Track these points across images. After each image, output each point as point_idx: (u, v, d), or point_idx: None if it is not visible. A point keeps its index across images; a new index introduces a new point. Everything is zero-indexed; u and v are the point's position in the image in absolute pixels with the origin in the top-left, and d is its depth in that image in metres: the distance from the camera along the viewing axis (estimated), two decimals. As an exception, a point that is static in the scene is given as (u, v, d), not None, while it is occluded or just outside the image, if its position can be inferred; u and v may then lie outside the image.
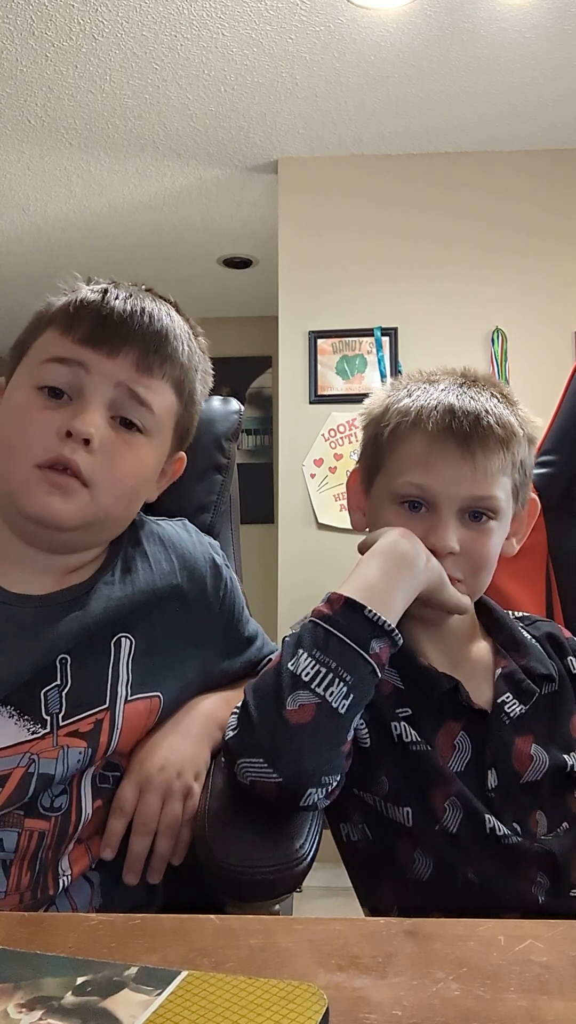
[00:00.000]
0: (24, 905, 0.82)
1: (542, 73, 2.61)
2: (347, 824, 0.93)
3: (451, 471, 0.91)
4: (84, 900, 0.87)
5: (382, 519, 0.95)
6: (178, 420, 0.94)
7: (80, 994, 0.50)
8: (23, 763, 0.82)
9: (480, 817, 0.87)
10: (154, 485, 0.96)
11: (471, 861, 0.87)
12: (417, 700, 0.92)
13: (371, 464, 0.99)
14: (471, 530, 0.92)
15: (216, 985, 0.50)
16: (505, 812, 0.89)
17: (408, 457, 0.93)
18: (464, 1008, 0.51)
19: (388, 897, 0.92)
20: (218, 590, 0.99)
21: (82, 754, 0.85)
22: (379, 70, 2.59)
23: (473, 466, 0.90)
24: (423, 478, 0.92)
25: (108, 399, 0.86)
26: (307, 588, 2.91)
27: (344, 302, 3.06)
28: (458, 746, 0.92)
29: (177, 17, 2.34)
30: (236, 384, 4.60)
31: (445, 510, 0.91)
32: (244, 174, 3.18)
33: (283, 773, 0.79)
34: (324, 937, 0.60)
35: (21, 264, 3.87)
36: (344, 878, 1.18)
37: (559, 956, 0.57)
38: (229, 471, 1.17)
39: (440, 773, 0.89)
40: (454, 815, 0.87)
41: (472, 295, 3.02)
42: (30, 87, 2.62)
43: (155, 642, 0.92)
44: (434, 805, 0.88)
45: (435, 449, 0.91)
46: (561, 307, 2.97)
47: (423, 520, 0.92)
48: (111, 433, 0.86)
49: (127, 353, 0.87)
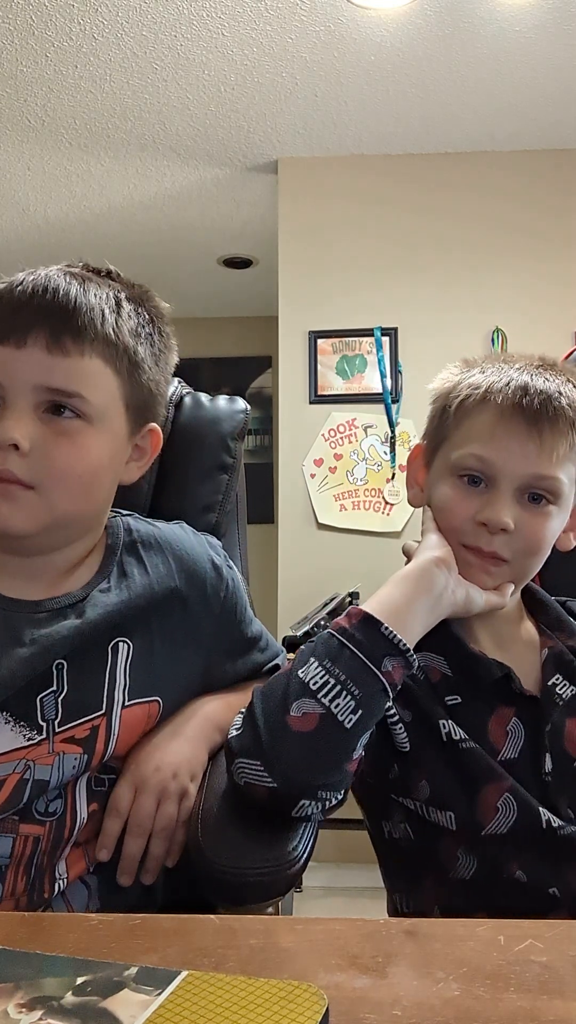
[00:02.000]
0: (19, 909, 0.82)
1: (542, 73, 2.61)
2: (389, 823, 0.93)
3: (516, 447, 0.88)
4: (81, 904, 0.86)
5: (439, 493, 0.93)
6: (125, 396, 0.87)
7: (80, 994, 0.50)
8: (19, 769, 0.82)
9: (535, 813, 0.85)
10: (123, 468, 0.91)
11: (519, 858, 0.85)
12: (467, 687, 0.91)
13: (435, 437, 0.96)
14: (528, 511, 0.89)
15: (216, 985, 0.50)
16: (561, 796, 0.88)
17: (474, 430, 0.91)
18: (464, 1008, 0.51)
19: (429, 895, 0.91)
20: (219, 591, 0.97)
21: (77, 760, 0.84)
22: (379, 70, 2.59)
23: (539, 444, 0.88)
24: (486, 451, 0.89)
25: (31, 400, 0.81)
26: (307, 588, 2.92)
27: (344, 302, 3.06)
28: (511, 732, 0.90)
29: (177, 17, 2.34)
30: (236, 384, 4.60)
31: (504, 486, 0.88)
32: (244, 174, 3.18)
33: (277, 779, 0.78)
34: (324, 937, 0.60)
35: (21, 264, 3.86)
36: (344, 878, 1.17)
37: (559, 956, 0.57)
38: (235, 471, 1.16)
39: (492, 771, 0.87)
40: (507, 815, 0.86)
41: (472, 295, 3.02)
42: (30, 87, 2.62)
43: (154, 646, 0.91)
44: (485, 805, 0.86)
45: (502, 423, 0.89)
46: (561, 307, 2.97)
47: (480, 495, 0.89)
48: (43, 429, 0.81)
49: (35, 338, 0.81)
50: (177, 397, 1.16)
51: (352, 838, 2.72)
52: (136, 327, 0.89)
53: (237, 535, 1.18)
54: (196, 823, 0.83)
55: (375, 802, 0.94)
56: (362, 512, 2.97)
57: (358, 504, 2.97)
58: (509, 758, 0.89)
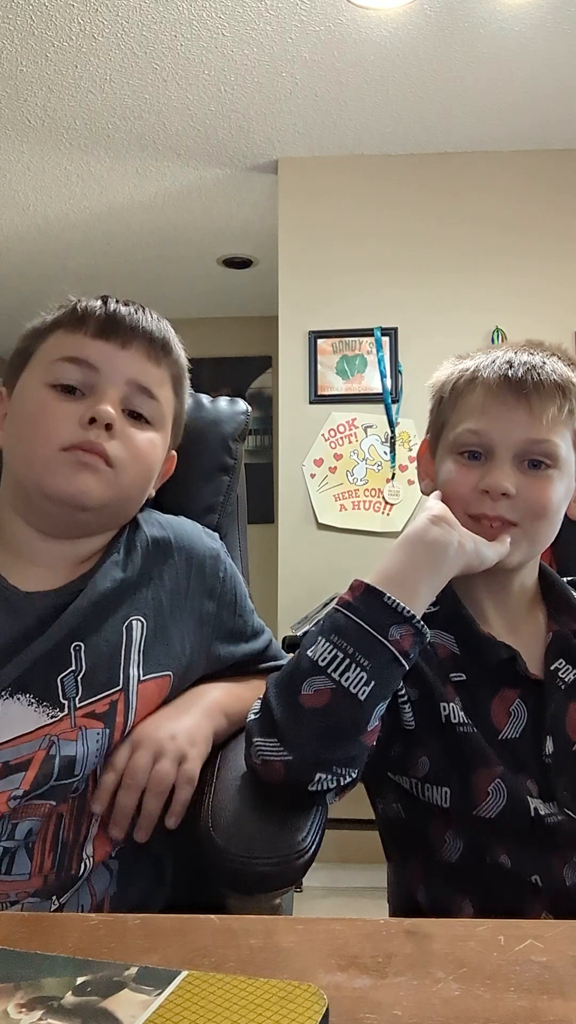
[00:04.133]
0: (49, 886, 0.85)
1: (542, 73, 2.61)
2: (382, 801, 0.97)
3: (506, 415, 0.92)
4: (102, 887, 0.89)
5: (443, 473, 0.96)
6: (175, 415, 1.01)
7: (80, 994, 0.50)
8: (44, 745, 0.85)
9: (523, 801, 0.87)
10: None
11: (505, 844, 0.87)
12: (473, 667, 0.94)
13: (436, 426, 1.01)
14: (528, 476, 0.92)
15: (216, 985, 0.50)
16: (560, 778, 0.90)
17: (467, 408, 0.95)
18: (464, 1008, 0.51)
19: (417, 874, 0.94)
20: (217, 572, 1.03)
21: (100, 735, 0.87)
22: (379, 70, 2.59)
23: (529, 409, 0.91)
24: (479, 424, 0.93)
25: (120, 394, 0.92)
26: (307, 588, 2.92)
27: (344, 302, 3.06)
28: (513, 713, 0.93)
29: (177, 17, 2.34)
30: (236, 384, 4.60)
31: (501, 455, 0.92)
32: (244, 174, 3.18)
33: (293, 753, 0.80)
34: (324, 937, 0.60)
35: (21, 264, 3.87)
36: (344, 878, 1.18)
37: (559, 956, 0.57)
38: (236, 472, 1.17)
39: (485, 756, 0.89)
40: (497, 800, 0.88)
41: (472, 295, 3.01)
42: (30, 87, 2.62)
43: (165, 622, 0.96)
44: (476, 788, 0.88)
45: (491, 396, 0.93)
46: (561, 307, 2.97)
47: (480, 467, 0.93)
48: (126, 421, 0.93)
49: (138, 345, 0.94)
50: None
51: (352, 838, 2.73)
52: (186, 363, 1.03)
53: (237, 536, 1.18)
54: (207, 814, 0.84)
55: (371, 780, 0.96)
56: (362, 512, 2.97)
57: (358, 504, 2.97)
58: (510, 738, 0.91)
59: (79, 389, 0.91)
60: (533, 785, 0.90)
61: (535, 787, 0.90)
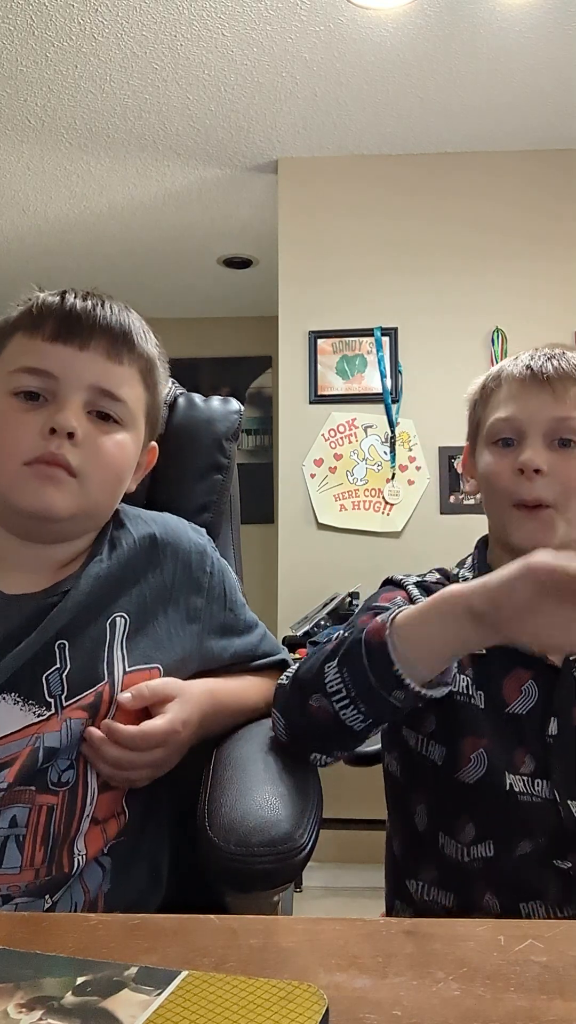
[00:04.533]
0: (40, 881, 0.84)
1: (542, 73, 2.61)
2: (388, 756, 1.06)
3: (532, 399, 0.99)
4: (95, 884, 0.89)
5: (482, 467, 1.03)
6: (148, 409, 0.98)
7: (80, 994, 0.50)
8: (31, 743, 0.85)
9: (501, 777, 0.94)
10: (132, 476, 0.99)
11: (474, 811, 0.92)
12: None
13: (472, 427, 1.08)
14: (559, 455, 0.97)
15: (216, 985, 0.50)
16: (559, 761, 0.95)
17: (497, 401, 1.03)
18: (464, 1008, 0.51)
19: (399, 830, 1.04)
20: (204, 567, 1.03)
21: (84, 724, 0.88)
22: (379, 70, 2.59)
23: (552, 392, 0.98)
24: (508, 411, 1.00)
25: (83, 398, 0.90)
26: (307, 588, 2.92)
27: (344, 302, 3.06)
28: (525, 692, 0.98)
29: (177, 17, 2.34)
30: (236, 384, 4.60)
31: (532, 435, 0.98)
32: (244, 174, 3.18)
33: (291, 740, 0.92)
34: (324, 937, 0.60)
35: (21, 264, 3.87)
36: (344, 878, 1.19)
37: (559, 956, 0.57)
38: (229, 471, 1.18)
39: (474, 726, 0.96)
40: (477, 767, 0.95)
41: (472, 295, 3.02)
42: (30, 87, 2.62)
43: (147, 618, 0.96)
44: (462, 753, 0.96)
45: (517, 387, 1.01)
46: (561, 307, 2.97)
47: (514, 452, 0.99)
48: (90, 426, 0.90)
49: (97, 343, 0.91)
50: (171, 398, 1.16)
51: (352, 838, 2.73)
52: (158, 352, 1.00)
53: (231, 535, 1.18)
54: (203, 812, 0.84)
55: (384, 733, 1.06)
56: (362, 512, 2.97)
57: (358, 504, 2.97)
58: (517, 712, 0.97)
59: (42, 395, 0.90)
60: (532, 761, 0.95)
61: (533, 763, 0.95)
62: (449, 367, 2.95)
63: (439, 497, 2.94)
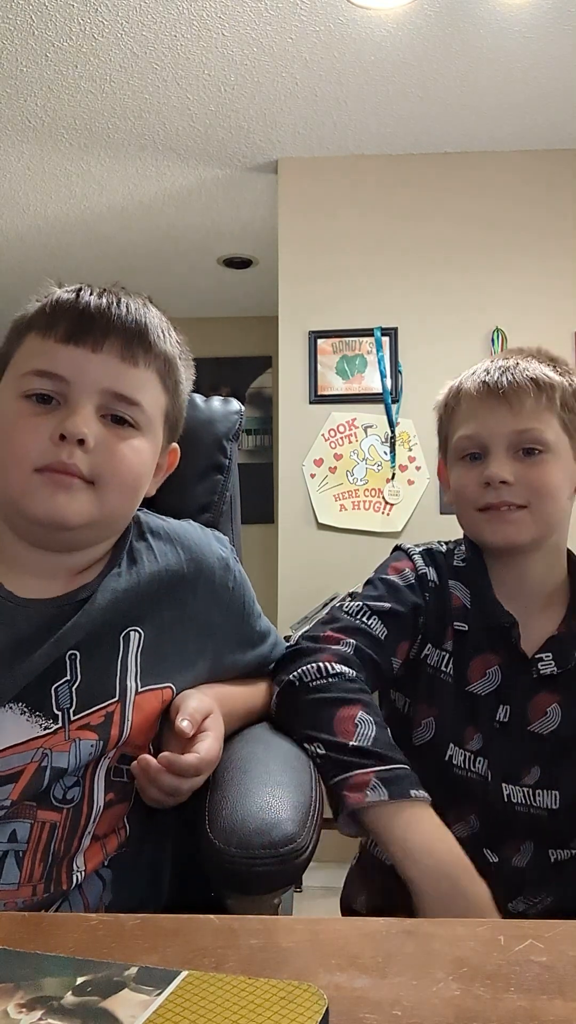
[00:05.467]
0: (37, 898, 0.83)
1: (542, 73, 2.61)
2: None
3: (491, 416, 1.02)
4: (95, 896, 0.87)
5: (453, 480, 1.07)
6: (167, 412, 0.94)
7: (80, 994, 0.50)
8: (36, 758, 0.83)
9: (444, 746, 1.02)
10: (151, 479, 0.96)
11: (424, 776, 0.93)
12: (475, 622, 1.05)
13: (442, 443, 1.12)
14: (525, 463, 1.01)
15: (216, 985, 0.50)
16: (497, 746, 1.02)
17: (459, 419, 1.07)
18: (464, 1008, 0.51)
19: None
20: (227, 582, 1.00)
21: (93, 746, 0.86)
22: (379, 70, 2.59)
23: (509, 405, 1.01)
24: (470, 428, 1.04)
25: (96, 402, 0.87)
26: (307, 588, 2.92)
27: (344, 302, 3.06)
28: (488, 676, 1.03)
29: (177, 17, 2.34)
30: (236, 384, 4.60)
31: (495, 449, 1.02)
32: (244, 174, 3.18)
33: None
34: (324, 937, 0.60)
35: (21, 264, 3.87)
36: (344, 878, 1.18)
37: (559, 956, 0.57)
38: (230, 471, 1.18)
39: (431, 695, 1.04)
40: (425, 733, 1.03)
41: (472, 295, 3.01)
42: (30, 87, 2.62)
43: (164, 634, 0.93)
44: (416, 717, 1.05)
45: (475, 403, 1.04)
46: (561, 307, 2.97)
47: (481, 465, 1.03)
48: (104, 430, 0.87)
49: (111, 345, 0.87)
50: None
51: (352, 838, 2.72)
52: (180, 351, 0.97)
53: (231, 535, 1.18)
54: (204, 814, 0.84)
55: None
56: (362, 512, 2.97)
57: (358, 504, 2.97)
58: (475, 692, 1.03)
59: (55, 397, 0.86)
60: (480, 740, 1.02)
61: (480, 743, 1.02)
62: (449, 367, 2.93)
63: (439, 497, 2.93)
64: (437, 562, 1.09)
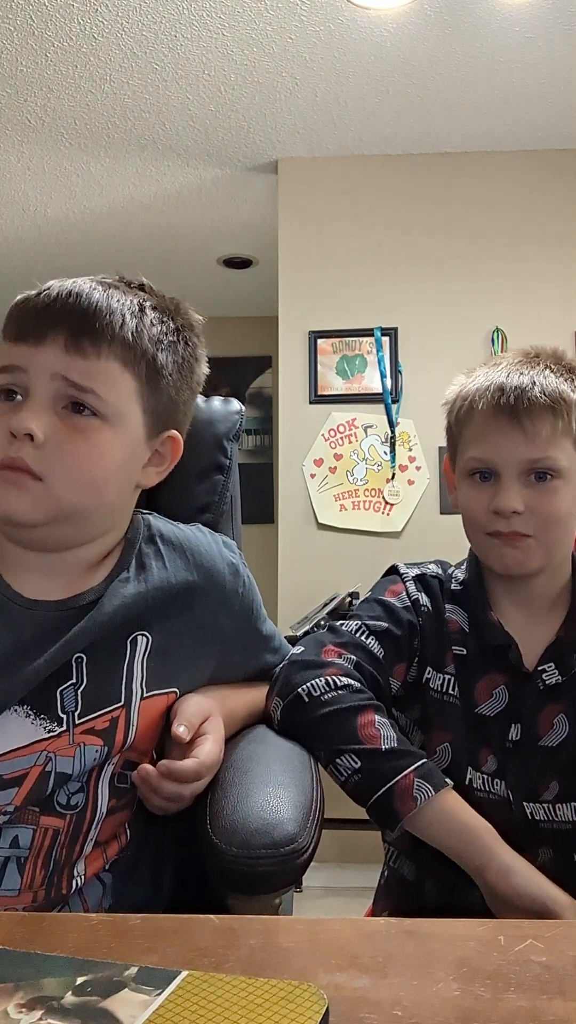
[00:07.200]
0: (37, 903, 0.83)
1: (542, 73, 2.61)
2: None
3: (504, 442, 0.98)
4: (95, 900, 0.88)
5: (461, 496, 1.05)
6: (144, 399, 0.89)
7: (80, 994, 0.50)
8: (40, 761, 0.83)
9: (463, 771, 1.00)
10: (140, 471, 0.92)
11: None
12: (474, 645, 1.04)
13: (450, 447, 1.09)
14: (536, 490, 0.98)
15: (216, 985, 0.50)
16: (513, 764, 1.00)
17: (469, 436, 1.03)
18: (464, 1008, 0.51)
19: None
20: (237, 587, 1.00)
21: (98, 751, 0.85)
22: (379, 70, 2.59)
23: (523, 432, 0.97)
24: (481, 451, 1.00)
25: (50, 393, 0.84)
26: (307, 588, 2.92)
27: (344, 302, 3.06)
28: (496, 696, 1.02)
29: (177, 17, 2.34)
30: (236, 384, 4.60)
31: (506, 476, 0.99)
32: (244, 174, 3.18)
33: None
34: (324, 937, 0.60)
35: (21, 264, 3.87)
36: (344, 878, 1.19)
37: (559, 956, 0.57)
38: (230, 471, 1.17)
39: (444, 720, 1.02)
40: (442, 759, 1.01)
41: (472, 295, 3.01)
42: (30, 87, 2.62)
43: (172, 639, 0.93)
44: (431, 744, 1.02)
45: (488, 424, 1.00)
46: (561, 307, 2.96)
47: (491, 487, 1.00)
48: (59, 423, 0.84)
49: (53, 339, 0.84)
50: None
51: (352, 838, 2.72)
52: (159, 334, 0.91)
53: (232, 535, 1.18)
54: (205, 815, 0.84)
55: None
56: (362, 512, 2.97)
57: (358, 504, 2.97)
58: (485, 714, 1.02)
59: (19, 393, 0.85)
60: (494, 761, 1.00)
61: (495, 763, 1.00)
62: (449, 367, 2.92)
63: (439, 497, 2.93)
64: (431, 588, 1.08)
